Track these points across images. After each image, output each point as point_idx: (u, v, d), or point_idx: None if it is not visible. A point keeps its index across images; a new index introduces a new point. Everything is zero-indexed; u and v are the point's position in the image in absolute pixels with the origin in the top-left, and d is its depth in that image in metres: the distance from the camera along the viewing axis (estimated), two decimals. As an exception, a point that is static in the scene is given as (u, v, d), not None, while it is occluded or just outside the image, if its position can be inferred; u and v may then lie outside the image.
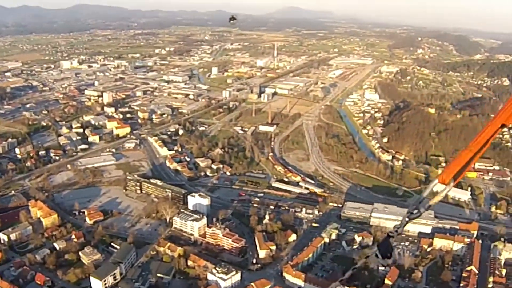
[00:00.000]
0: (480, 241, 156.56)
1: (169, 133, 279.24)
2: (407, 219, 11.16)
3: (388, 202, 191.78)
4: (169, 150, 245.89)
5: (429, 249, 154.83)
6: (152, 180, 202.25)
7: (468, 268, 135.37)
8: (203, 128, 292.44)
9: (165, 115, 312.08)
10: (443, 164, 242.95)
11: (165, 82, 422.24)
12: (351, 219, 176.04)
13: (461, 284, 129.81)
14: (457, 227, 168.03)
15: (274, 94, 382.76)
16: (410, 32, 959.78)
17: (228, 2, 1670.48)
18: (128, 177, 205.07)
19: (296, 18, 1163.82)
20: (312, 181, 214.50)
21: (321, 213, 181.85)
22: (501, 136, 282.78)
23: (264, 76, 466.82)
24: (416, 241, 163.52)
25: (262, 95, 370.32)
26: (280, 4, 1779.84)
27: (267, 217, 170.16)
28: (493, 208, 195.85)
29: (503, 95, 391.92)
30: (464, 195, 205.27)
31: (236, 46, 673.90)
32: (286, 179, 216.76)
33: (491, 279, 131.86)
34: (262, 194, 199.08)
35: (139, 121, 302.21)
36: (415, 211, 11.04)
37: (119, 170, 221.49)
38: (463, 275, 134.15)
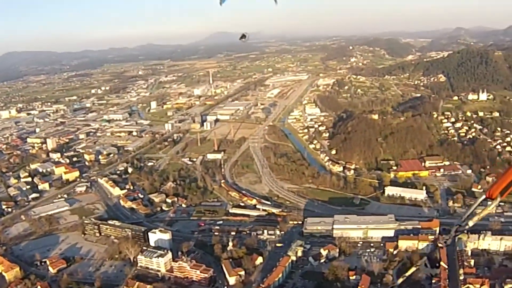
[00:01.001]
0: (444, 236, 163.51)
1: (118, 172, 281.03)
2: (456, 232, 12.61)
3: (347, 212, 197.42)
4: (121, 189, 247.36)
5: (395, 252, 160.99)
6: (110, 222, 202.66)
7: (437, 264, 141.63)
8: (152, 164, 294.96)
9: (112, 155, 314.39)
10: (394, 168, 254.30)
11: (106, 122, 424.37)
12: (313, 234, 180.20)
13: (433, 281, 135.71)
14: (419, 227, 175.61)
15: (216, 121, 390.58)
16: (341, 42, 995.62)
17: (156, 35, 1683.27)
18: (85, 221, 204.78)
19: (226, 42, 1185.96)
20: (269, 202, 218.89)
21: (283, 232, 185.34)
22: (446, 131, 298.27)
23: (204, 104, 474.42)
24: (381, 245, 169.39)
25: (205, 123, 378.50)
26: (207, 31, 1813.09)
27: (230, 243, 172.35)
28: (450, 203, 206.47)
29: (442, 92, 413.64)
30: (420, 195, 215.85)
31: (171, 78, 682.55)
32: (242, 204, 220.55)
33: (461, 271, 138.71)
34: (221, 222, 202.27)
35: (87, 163, 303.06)
36: (464, 224, 12.67)
37: (74, 215, 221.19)
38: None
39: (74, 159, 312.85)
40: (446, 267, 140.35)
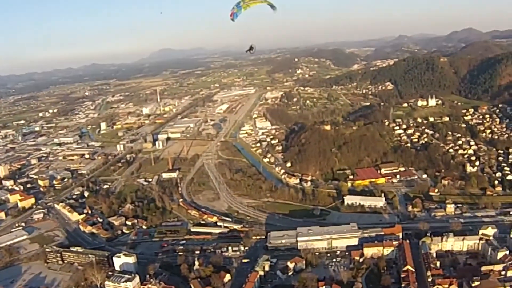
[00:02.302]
0: (408, 241, 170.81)
1: (74, 196, 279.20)
2: None
3: (308, 224, 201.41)
4: (79, 214, 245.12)
5: (361, 260, 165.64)
6: (72, 248, 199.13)
7: (405, 268, 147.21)
8: (107, 186, 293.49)
9: (66, 179, 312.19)
10: (351, 177, 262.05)
11: (57, 145, 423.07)
12: (278, 247, 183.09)
13: (403, 285, 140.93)
14: (383, 233, 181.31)
15: (168, 139, 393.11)
16: (285, 54, 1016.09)
17: (100, 54, 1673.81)
18: (47, 250, 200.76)
19: (170, 59, 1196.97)
20: (229, 219, 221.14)
21: (247, 248, 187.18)
22: (399, 138, 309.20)
23: (153, 123, 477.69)
24: (346, 254, 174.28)
25: (156, 142, 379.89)
26: (151, 49, 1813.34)
27: (196, 263, 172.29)
28: (409, 208, 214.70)
29: (391, 99, 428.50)
30: (379, 202, 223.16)
31: (118, 98, 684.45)
32: (203, 222, 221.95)
33: (428, 273, 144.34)
34: (184, 241, 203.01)
35: (41, 189, 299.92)
36: None
37: (35, 243, 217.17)
38: (402, 276, 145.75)
39: (28, 185, 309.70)
40: (414, 270, 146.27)
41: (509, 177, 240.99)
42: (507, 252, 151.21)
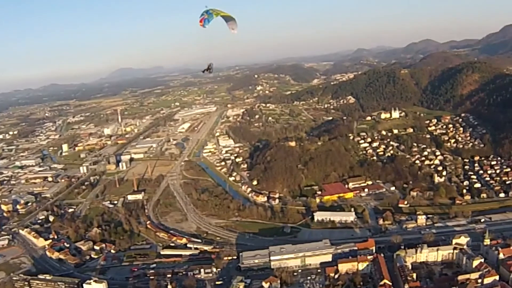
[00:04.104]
0: (382, 255, 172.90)
1: (39, 221, 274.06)
2: None
3: (279, 242, 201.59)
4: (46, 239, 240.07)
5: (336, 276, 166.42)
6: (40, 276, 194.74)
7: (382, 283, 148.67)
8: (72, 210, 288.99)
9: (30, 204, 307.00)
10: (319, 193, 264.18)
11: (19, 168, 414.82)
12: (251, 268, 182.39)
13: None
14: (356, 248, 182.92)
15: (131, 160, 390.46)
16: (244, 71, 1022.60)
17: (59, 74, 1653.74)
18: (14, 278, 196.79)
19: (130, 79, 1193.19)
20: (199, 240, 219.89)
21: (219, 269, 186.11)
22: (364, 152, 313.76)
23: (116, 144, 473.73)
24: (320, 271, 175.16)
25: (120, 163, 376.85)
26: (111, 68, 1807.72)
27: (169, 286, 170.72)
28: (380, 221, 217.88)
29: (354, 113, 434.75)
30: (349, 217, 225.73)
31: (79, 118, 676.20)
32: (172, 244, 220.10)
33: (406, 286, 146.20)
34: (154, 265, 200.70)
35: (5, 214, 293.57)
36: None
37: (1, 271, 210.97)
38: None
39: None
40: (391, 284, 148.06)
41: (476, 185, 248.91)
42: (482, 260, 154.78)
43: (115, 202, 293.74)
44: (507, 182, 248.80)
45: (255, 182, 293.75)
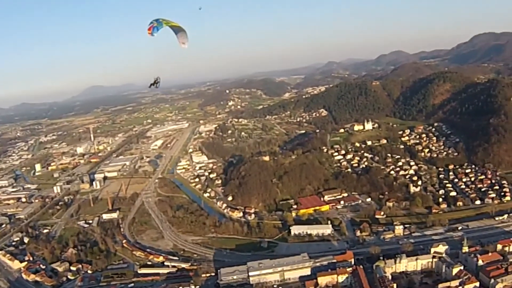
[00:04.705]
0: (361, 266, 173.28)
1: (14, 243, 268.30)
2: None
3: (257, 257, 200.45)
4: (21, 262, 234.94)
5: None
6: None
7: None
8: (47, 230, 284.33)
9: (3, 225, 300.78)
10: (295, 206, 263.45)
11: None
12: (230, 284, 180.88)
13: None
14: (335, 261, 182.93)
15: (105, 178, 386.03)
16: (216, 86, 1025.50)
17: (30, 93, 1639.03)
18: None
19: (101, 96, 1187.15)
20: (176, 258, 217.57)
21: (198, 286, 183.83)
22: (339, 164, 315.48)
23: (89, 162, 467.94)
24: (299, 285, 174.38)
25: (93, 182, 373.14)
26: (82, 86, 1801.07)
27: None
28: (358, 233, 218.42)
29: (326, 126, 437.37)
30: (326, 229, 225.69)
31: (51, 138, 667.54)
32: (150, 263, 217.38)
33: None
34: (132, 284, 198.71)
35: None
36: None
37: None
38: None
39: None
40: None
41: (452, 194, 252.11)
42: (462, 267, 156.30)
43: (90, 221, 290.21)
44: (482, 189, 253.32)
45: (230, 198, 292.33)
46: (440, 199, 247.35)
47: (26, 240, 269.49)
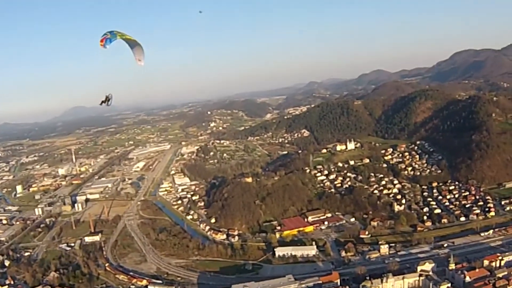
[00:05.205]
0: (347, 287, 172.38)
1: None
2: None
3: (241, 279, 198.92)
4: (2, 285, 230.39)
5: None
6: None
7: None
8: (29, 253, 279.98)
9: None
10: (278, 228, 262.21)
11: None
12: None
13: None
14: (320, 282, 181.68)
15: (87, 200, 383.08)
16: (197, 108, 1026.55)
17: (12, 113, 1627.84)
18: None
19: (83, 117, 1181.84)
20: (160, 281, 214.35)
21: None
22: (322, 185, 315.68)
23: (70, 184, 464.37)
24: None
25: (75, 204, 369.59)
26: (64, 106, 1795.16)
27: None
28: (343, 253, 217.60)
29: (309, 146, 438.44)
30: (311, 250, 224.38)
31: (32, 158, 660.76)
32: (133, 286, 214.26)
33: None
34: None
35: None
36: None
37: None
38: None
39: None
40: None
41: (437, 211, 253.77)
42: (449, 285, 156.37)
43: (72, 244, 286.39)
44: (467, 206, 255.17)
45: (213, 220, 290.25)
46: (425, 217, 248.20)
47: (7, 263, 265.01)
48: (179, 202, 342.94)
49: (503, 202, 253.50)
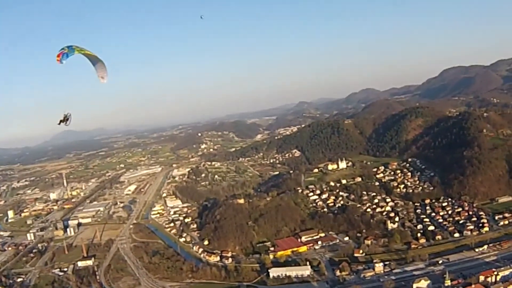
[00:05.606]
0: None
1: None
2: None
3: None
4: None
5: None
6: None
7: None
8: (21, 279, 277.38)
9: None
10: (272, 248, 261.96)
11: None
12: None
13: None
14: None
15: (79, 225, 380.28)
16: (188, 130, 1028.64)
17: (2, 138, 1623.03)
18: None
19: (73, 141, 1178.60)
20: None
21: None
22: (314, 204, 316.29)
23: (62, 209, 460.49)
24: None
25: (68, 229, 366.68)
26: (53, 131, 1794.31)
27: None
28: (337, 272, 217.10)
29: (300, 166, 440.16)
30: (305, 271, 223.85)
31: (23, 183, 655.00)
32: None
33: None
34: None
35: None
36: None
37: None
38: None
39: None
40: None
41: (430, 228, 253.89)
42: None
43: (65, 269, 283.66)
44: (460, 222, 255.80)
45: (206, 242, 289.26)
46: (419, 234, 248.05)
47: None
48: (172, 224, 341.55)
49: (496, 217, 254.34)
